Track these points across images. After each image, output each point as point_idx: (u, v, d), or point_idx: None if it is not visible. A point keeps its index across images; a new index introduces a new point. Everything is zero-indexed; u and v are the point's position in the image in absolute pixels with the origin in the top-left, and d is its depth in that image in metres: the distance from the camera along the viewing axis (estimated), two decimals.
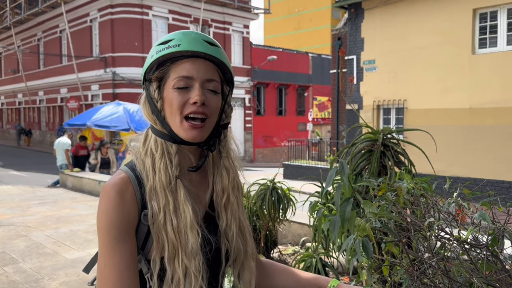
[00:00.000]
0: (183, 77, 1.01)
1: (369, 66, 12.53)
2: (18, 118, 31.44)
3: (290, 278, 1.23)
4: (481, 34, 10.45)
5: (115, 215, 0.96)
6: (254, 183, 4.23)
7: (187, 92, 1.01)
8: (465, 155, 10.44)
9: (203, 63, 1.03)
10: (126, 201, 0.98)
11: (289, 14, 45.21)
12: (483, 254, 1.19)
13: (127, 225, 0.97)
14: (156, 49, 1.04)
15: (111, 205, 0.96)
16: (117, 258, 0.95)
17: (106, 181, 1.01)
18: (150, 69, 1.04)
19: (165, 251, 0.97)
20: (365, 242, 1.37)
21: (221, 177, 1.10)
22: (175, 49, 1.01)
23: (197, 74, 1.01)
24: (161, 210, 0.98)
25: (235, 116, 24.05)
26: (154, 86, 1.05)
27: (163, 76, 1.03)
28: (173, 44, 1.01)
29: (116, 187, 0.98)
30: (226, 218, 1.09)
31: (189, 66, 1.01)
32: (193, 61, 1.02)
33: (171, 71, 1.02)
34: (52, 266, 4.85)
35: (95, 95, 22.37)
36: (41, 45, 27.42)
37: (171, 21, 21.81)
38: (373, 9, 12.29)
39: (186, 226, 0.99)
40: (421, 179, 1.80)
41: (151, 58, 1.04)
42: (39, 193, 10.14)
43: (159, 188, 0.99)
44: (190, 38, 1.02)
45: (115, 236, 0.95)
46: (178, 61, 1.02)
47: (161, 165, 1.01)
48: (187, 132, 1.01)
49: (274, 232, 4.49)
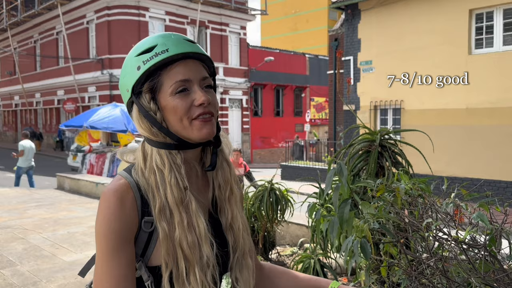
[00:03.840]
0: (180, 81, 0.98)
1: (366, 67, 12.56)
2: (15, 120, 31.34)
3: (290, 281, 1.23)
4: (478, 34, 10.49)
5: (116, 223, 0.94)
6: (252, 184, 4.23)
7: (188, 95, 0.98)
8: (462, 155, 10.47)
9: (193, 63, 1.01)
10: (126, 209, 0.96)
11: (286, 15, 45.27)
12: (481, 254, 1.20)
13: (126, 233, 0.95)
14: (139, 59, 0.99)
15: (111, 212, 0.95)
16: (115, 267, 0.93)
17: (106, 187, 1.00)
18: (139, 82, 0.99)
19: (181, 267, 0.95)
20: (363, 243, 1.37)
21: (222, 170, 1.08)
22: (166, 55, 0.97)
23: (193, 75, 0.99)
24: (176, 228, 0.96)
25: (233, 117, 24.07)
26: (147, 98, 1.00)
27: (155, 85, 0.99)
28: (160, 50, 0.97)
29: (117, 193, 0.96)
30: (231, 210, 1.08)
31: (182, 69, 0.99)
32: (184, 63, 0.99)
33: (164, 78, 0.99)
34: (50, 268, 4.84)
35: (92, 97, 22.34)
36: (38, 47, 27.36)
37: (168, 23, 21.81)
38: (369, 10, 12.32)
39: (201, 239, 0.97)
40: (419, 180, 1.81)
41: (138, 70, 0.98)
42: (36, 195, 10.11)
43: (172, 205, 0.97)
44: (173, 41, 0.99)
45: (114, 244, 0.94)
46: (168, 67, 0.98)
47: (172, 179, 0.97)
48: (200, 130, 0.98)
49: (272, 233, 4.49)
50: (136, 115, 1.02)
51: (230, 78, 23.53)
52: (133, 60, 1.00)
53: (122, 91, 1.04)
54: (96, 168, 12.49)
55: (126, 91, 1.02)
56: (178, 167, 0.99)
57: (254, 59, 24.82)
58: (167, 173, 0.98)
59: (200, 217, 0.98)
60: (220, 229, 1.07)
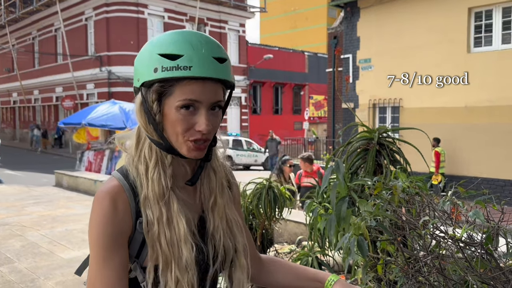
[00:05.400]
0: (190, 100, 0.94)
1: (365, 65, 12.56)
2: (14, 117, 31.29)
3: (289, 273, 1.24)
4: (476, 33, 10.49)
5: (108, 227, 0.94)
6: (250, 182, 4.23)
7: (192, 116, 0.95)
8: (460, 153, 10.48)
9: (211, 85, 0.95)
10: (119, 211, 0.95)
11: (285, 13, 45.21)
12: (477, 252, 1.20)
13: (120, 236, 0.95)
14: (160, 61, 0.93)
15: (104, 214, 0.94)
16: (109, 269, 0.93)
17: (100, 188, 0.99)
18: (151, 81, 0.95)
19: (159, 262, 0.96)
20: (360, 240, 1.37)
21: (208, 179, 1.08)
22: (186, 74, 0.92)
23: (205, 98, 0.95)
24: (154, 222, 0.96)
25: (231, 115, 24.07)
26: (153, 97, 0.96)
27: (165, 91, 0.95)
28: (183, 65, 0.92)
29: (109, 195, 0.96)
30: (213, 220, 1.06)
31: (197, 89, 0.94)
32: (202, 84, 0.94)
33: (176, 89, 0.94)
34: (48, 266, 4.84)
35: (91, 94, 22.30)
36: (36, 44, 27.31)
37: (167, 20, 21.77)
38: (369, 8, 12.31)
39: (180, 240, 0.97)
40: (416, 178, 1.81)
41: (154, 73, 0.93)
42: (35, 192, 10.10)
43: (152, 198, 0.97)
44: (201, 58, 0.93)
45: (107, 247, 0.94)
46: (185, 81, 0.93)
47: (155, 175, 0.97)
48: (190, 152, 0.97)
49: (270, 231, 4.49)
50: (138, 105, 1.00)
51: None
52: (153, 56, 0.95)
53: (134, 73, 1.01)
54: (94, 165, 12.48)
55: (137, 80, 0.99)
56: (165, 166, 0.99)
57: (253, 56, 24.79)
58: (151, 167, 0.98)
59: (181, 219, 0.98)
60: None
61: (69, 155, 21.16)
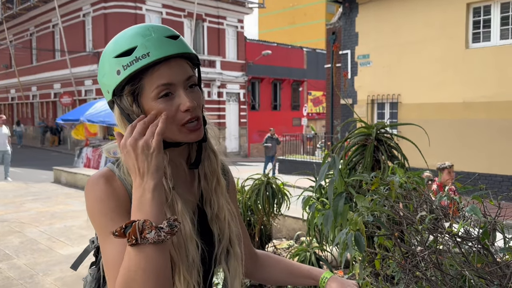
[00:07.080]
0: (163, 85, 0.92)
1: (364, 61, 12.55)
2: (11, 113, 31.20)
3: (284, 269, 1.25)
4: (475, 28, 10.49)
5: (109, 200, 0.92)
6: (248, 178, 4.23)
7: (172, 100, 0.94)
8: (458, 149, 10.50)
9: (176, 63, 0.94)
10: (116, 188, 0.95)
11: (283, 8, 45.10)
12: (474, 247, 1.20)
13: (121, 209, 0.93)
14: (119, 62, 0.92)
15: (101, 190, 0.93)
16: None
17: (90, 176, 0.98)
18: (119, 86, 0.93)
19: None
20: (357, 236, 1.38)
21: (209, 161, 1.07)
22: (147, 61, 0.90)
23: (177, 78, 0.93)
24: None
25: (230, 111, 24.02)
26: (129, 101, 0.95)
27: (137, 89, 0.94)
28: (141, 54, 0.90)
29: (104, 177, 0.96)
30: (218, 201, 1.06)
31: (165, 72, 0.92)
32: (167, 65, 0.93)
33: (146, 82, 0.92)
34: (47, 262, 4.84)
35: (89, 90, 22.25)
36: (34, 40, 27.19)
37: (165, 16, 21.68)
38: (367, 4, 12.29)
39: (186, 240, 0.95)
40: (414, 173, 1.81)
41: (118, 75, 0.92)
42: (33, 189, 10.10)
43: None
44: (155, 41, 0.92)
45: (113, 218, 0.91)
46: (150, 70, 0.92)
47: None
48: (187, 136, 0.96)
49: (268, 227, 4.50)
50: (118, 116, 0.98)
51: (227, 71, 23.44)
52: (111, 61, 0.93)
53: (102, 90, 0.99)
54: (93, 162, 12.47)
55: (107, 92, 0.97)
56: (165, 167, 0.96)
57: (252, 52, 24.73)
58: None
59: (186, 218, 0.96)
60: (206, 220, 1.06)
61: (67, 152, 21.14)
